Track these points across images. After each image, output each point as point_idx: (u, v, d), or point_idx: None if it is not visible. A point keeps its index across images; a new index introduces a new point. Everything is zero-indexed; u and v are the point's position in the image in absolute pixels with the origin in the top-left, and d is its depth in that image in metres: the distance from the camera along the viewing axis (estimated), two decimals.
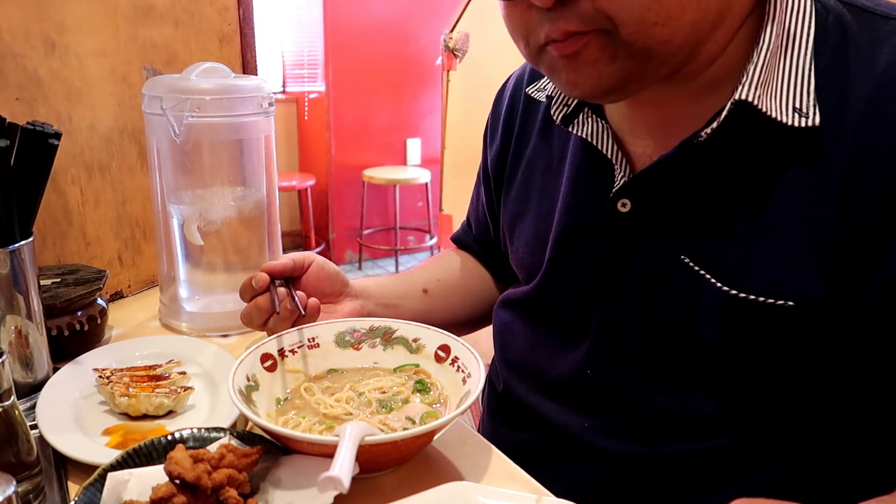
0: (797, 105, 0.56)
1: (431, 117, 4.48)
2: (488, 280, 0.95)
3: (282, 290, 0.75)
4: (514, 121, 0.82)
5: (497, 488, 0.51)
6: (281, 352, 0.70)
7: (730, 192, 0.60)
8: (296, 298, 0.73)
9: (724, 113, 0.56)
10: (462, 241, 0.98)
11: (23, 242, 0.69)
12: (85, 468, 0.58)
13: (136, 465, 0.56)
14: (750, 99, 0.55)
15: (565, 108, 0.69)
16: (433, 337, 0.72)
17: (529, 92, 0.78)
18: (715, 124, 0.57)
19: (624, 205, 0.65)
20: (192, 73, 0.86)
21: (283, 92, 4.68)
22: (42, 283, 0.82)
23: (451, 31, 2.50)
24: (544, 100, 0.75)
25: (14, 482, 0.45)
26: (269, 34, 4.55)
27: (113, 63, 0.98)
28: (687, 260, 0.61)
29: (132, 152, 1.02)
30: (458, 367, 0.68)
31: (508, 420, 0.80)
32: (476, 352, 0.67)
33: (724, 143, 0.58)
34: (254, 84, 0.88)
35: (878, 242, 0.54)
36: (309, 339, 0.72)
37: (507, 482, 0.60)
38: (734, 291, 0.59)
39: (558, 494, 0.53)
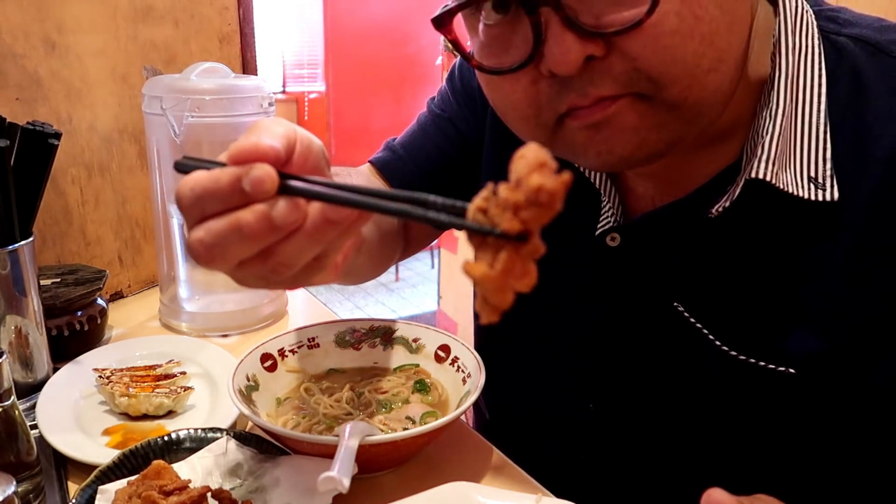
0: (812, 174, 0.51)
1: None
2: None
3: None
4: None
5: (497, 488, 0.51)
6: (281, 352, 0.70)
7: (731, 250, 0.55)
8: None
9: (738, 191, 0.51)
10: (396, 172, 0.77)
11: (23, 242, 0.69)
12: (85, 468, 0.58)
13: (134, 466, 0.56)
14: (768, 178, 0.50)
15: None
16: (433, 337, 0.72)
17: None
18: (727, 203, 0.52)
19: (613, 239, 0.60)
20: (192, 73, 0.86)
21: (283, 92, 4.68)
22: (42, 283, 0.82)
23: None
24: None
25: (14, 482, 0.45)
26: (269, 34, 4.54)
27: (113, 63, 0.98)
28: (680, 308, 0.57)
29: (132, 152, 1.02)
30: (458, 367, 0.68)
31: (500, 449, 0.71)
32: (476, 352, 0.67)
33: (733, 213, 0.53)
34: (254, 84, 0.88)
35: (892, 315, 0.50)
36: (309, 339, 0.72)
37: (507, 482, 0.60)
38: (733, 352, 0.55)
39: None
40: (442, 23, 0.48)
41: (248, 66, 1.16)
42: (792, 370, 0.54)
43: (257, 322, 0.94)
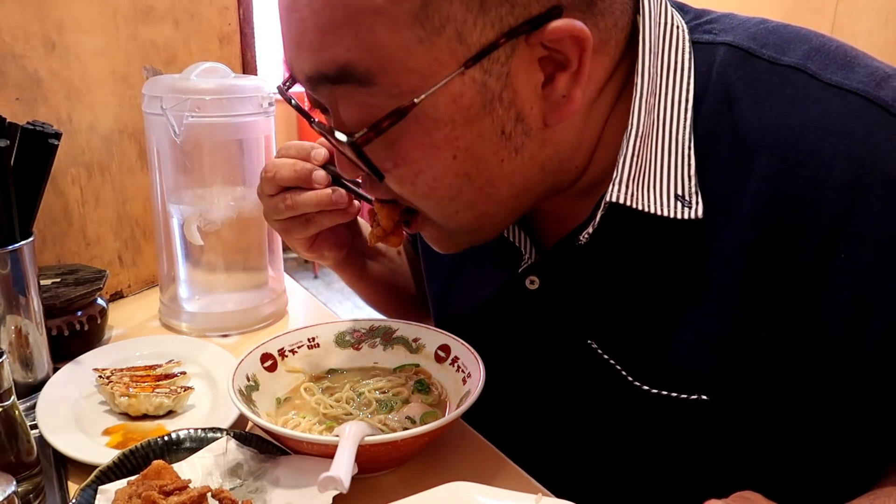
0: (679, 192, 0.49)
1: None
2: None
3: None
4: None
5: (497, 488, 0.50)
6: (281, 352, 0.70)
7: (627, 281, 0.55)
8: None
9: (599, 216, 0.51)
10: None
11: (23, 242, 0.69)
12: (85, 468, 0.58)
13: (134, 466, 0.56)
14: (622, 201, 0.50)
15: None
16: (433, 337, 0.72)
17: None
18: (591, 229, 0.52)
19: (532, 282, 0.61)
20: (192, 73, 0.86)
21: None
22: (42, 283, 0.82)
23: None
24: None
25: (14, 482, 0.45)
26: (269, 34, 4.54)
27: (113, 63, 0.98)
28: (594, 345, 0.58)
29: (132, 152, 1.02)
30: (458, 367, 0.68)
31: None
32: (476, 352, 0.67)
33: (611, 238, 0.53)
34: (254, 84, 0.88)
35: (792, 331, 0.48)
36: (309, 339, 0.72)
37: (507, 482, 0.60)
38: (646, 387, 0.55)
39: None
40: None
41: (248, 66, 1.16)
42: (705, 397, 0.52)
43: (257, 322, 0.94)
